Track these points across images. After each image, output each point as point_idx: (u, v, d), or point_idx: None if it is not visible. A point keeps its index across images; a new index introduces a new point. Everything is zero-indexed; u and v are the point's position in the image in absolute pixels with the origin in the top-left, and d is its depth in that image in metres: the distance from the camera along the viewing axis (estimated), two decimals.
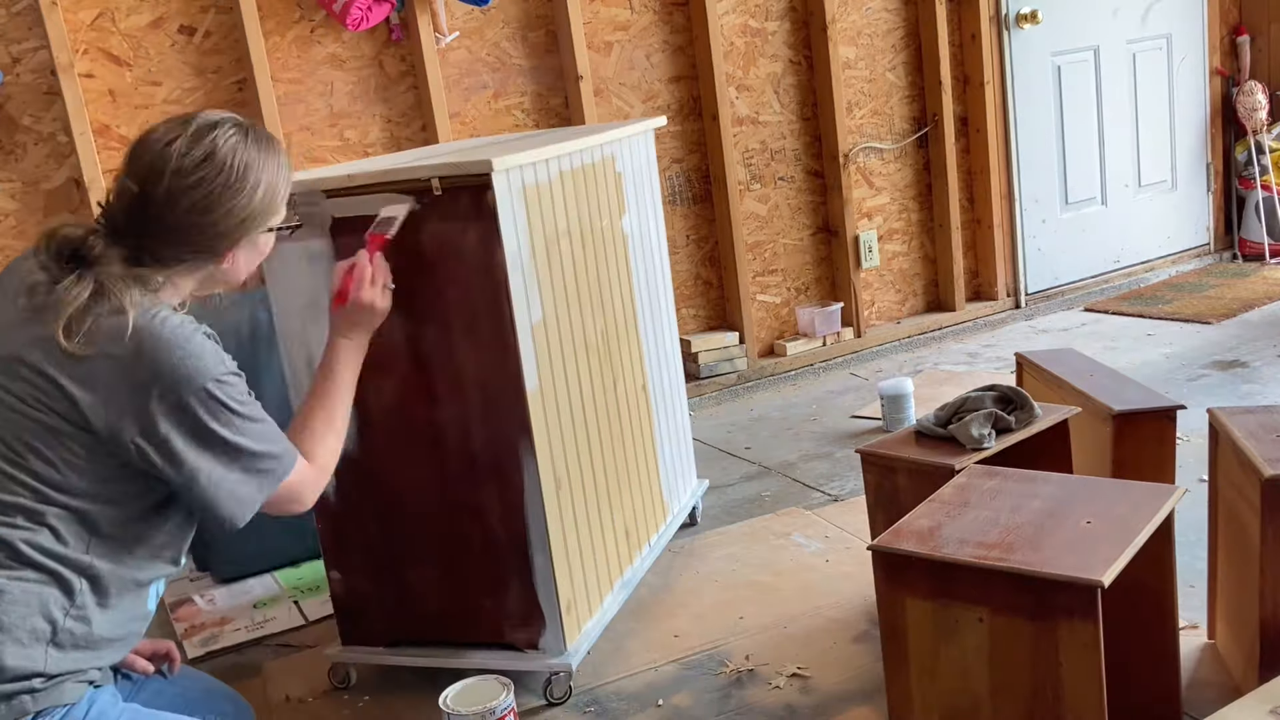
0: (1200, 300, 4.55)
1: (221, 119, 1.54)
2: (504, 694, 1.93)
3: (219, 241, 1.53)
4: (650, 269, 2.79)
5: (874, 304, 4.44)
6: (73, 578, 1.43)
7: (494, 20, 3.62)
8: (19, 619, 1.38)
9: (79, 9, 3.11)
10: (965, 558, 1.59)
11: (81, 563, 1.43)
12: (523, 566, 2.19)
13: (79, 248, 1.47)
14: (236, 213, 1.52)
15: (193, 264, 1.53)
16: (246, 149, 1.52)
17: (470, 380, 2.13)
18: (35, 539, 1.41)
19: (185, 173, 1.48)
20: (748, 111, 4.07)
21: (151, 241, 1.49)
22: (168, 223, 1.48)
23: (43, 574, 1.41)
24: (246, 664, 2.56)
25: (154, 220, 1.48)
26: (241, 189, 1.51)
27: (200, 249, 1.52)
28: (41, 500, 1.42)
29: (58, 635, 1.40)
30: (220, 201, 1.50)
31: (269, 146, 1.57)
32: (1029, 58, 4.56)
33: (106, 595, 1.46)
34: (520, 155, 2.12)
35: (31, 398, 1.42)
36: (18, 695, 1.36)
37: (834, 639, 2.34)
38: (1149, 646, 1.85)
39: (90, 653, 1.44)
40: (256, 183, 1.53)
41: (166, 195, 1.48)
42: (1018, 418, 2.19)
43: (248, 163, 1.52)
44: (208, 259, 1.54)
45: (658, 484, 2.76)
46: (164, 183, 1.47)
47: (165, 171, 1.48)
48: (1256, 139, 4.97)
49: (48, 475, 1.42)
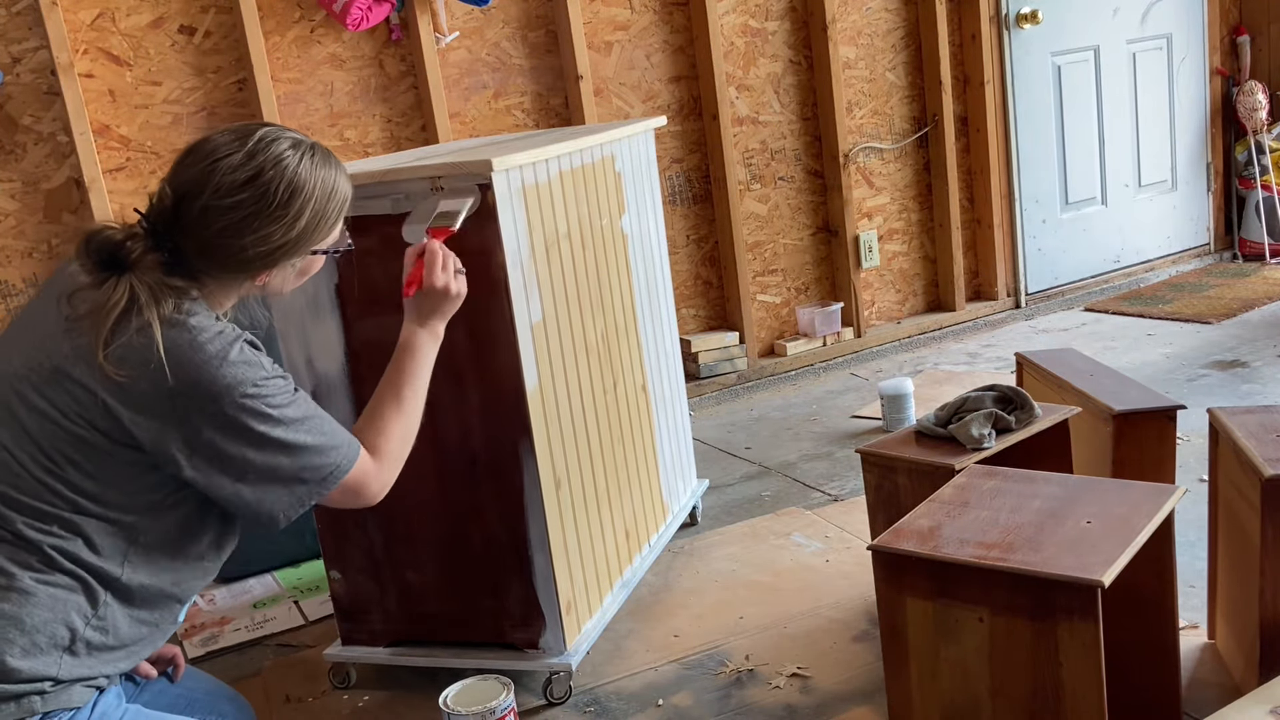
0: (1200, 300, 4.55)
1: (280, 137, 1.48)
2: (504, 694, 1.93)
3: (252, 264, 1.48)
4: (650, 269, 2.79)
5: (874, 304, 4.44)
6: (99, 588, 1.42)
7: (494, 20, 3.62)
8: (41, 623, 1.38)
9: (79, 9, 3.11)
10: (965, 558, 1.59)
11: (111, 574, 1.43)
12: (523, 566, 2.19)
13: (117, 251, 1.43)
14: (273, 239, 1.46)
15: (225, 281, 1.50)
16: (297, 173, 1.46)
17: (470, 380, 2.13)
18: (68, 547, 1.41)
19: (225, 192, 1.43)
20: (748, 111, 4.07)
21: (184, 254, 1.45)
22: (201, 239, 1.44)
23: (72, 580, 1.41)
24: (246, 664, 2.56)
25: (186, 233, 1.44)
26: (283, 216, 1.46)
27: (232, 269, 1.48)
28: (78, 511, 1.41)
29: (75, 644, 1.41)
30: (255, 228, 1.45)
31: (325, 166, 1.51)
32: (1029, 58, 4.56)
33: (135, 607, 1.46)
34: (520, 155, 2.12)
35: (74, 411, 1.40)
36: (27, 696, 1.37)
37: (834, 639, 2.34)
38: (1149, 646, 1.84)
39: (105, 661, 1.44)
40: (300, 211, 1.47)
41: (202, 212, 1.43)
42: (1018, 418, 2.19)
43: (295, 188, 1.46)
44: (241, 279, 1.50)
45: (657, 484, 2.76)
46: (202, 199, 1.43)
47: (206, 188, 1.43)
48: (1256, 139, 4.97)
49: (86, 487, 1.41)
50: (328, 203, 1.51)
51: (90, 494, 1.42)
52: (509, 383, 2.11)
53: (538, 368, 2.15)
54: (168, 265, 1.44)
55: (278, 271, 1.53)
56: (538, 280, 2.18)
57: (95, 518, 1.42)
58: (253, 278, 1.51)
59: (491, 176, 2.01)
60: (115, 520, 1.43)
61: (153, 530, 1.46)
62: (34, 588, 1.38)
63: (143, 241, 1.44)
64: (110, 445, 1.41)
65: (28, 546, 1.39)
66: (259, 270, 1.50)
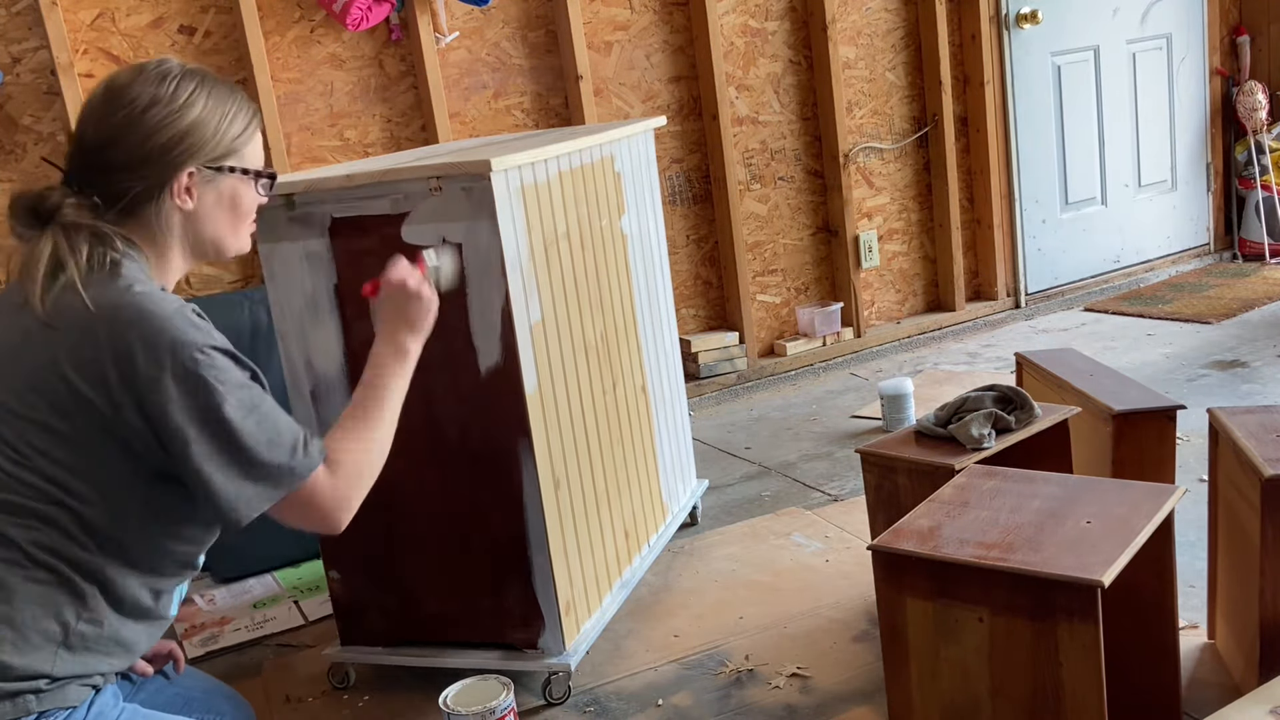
0: (1200, 300, 4.54)
1: (164, 60, 1.51)
2: (504, 694, 1.93)
3: (160, 160, 1.45)
4: (650, 269, 2.79)
5: (874, 304, 4.44)
6: (84, 581, 1.41)
7: (494, 20, 3.62)
8: (31, 619, 1.37)
9: (79, 9, 3.11)
10: (965, 558, 1.59)
11: (93, 566, 1.41)
12: (522, 566, 2.19)
13: (38, 205, 1.43)
14: (171, 124, 1.45)
15: (145, 214, 1.46)
16: (186, 77, 1.48)
17: (470, 380, 2.13)
18: (46, 540, 1.39)
19: (115, 94, 1.45)
20: (748, 111, 4.07)
21: (97, 176, 1.44)
22: (104, 146, 1.44)
23: (55, 575, 1.39)
24: (246, 664, 2.56)
25: (92, 152, 1.45)
26: (173, 101, 1.45)
27: (141, 172, 1.45)
28: (50, 502, 1.39)
29: (69, 638, 1.39)
30: (149, 113, 1.44)
31: (219, 84, 1.51)
32: (1029, 58, 4.56)
33: (120, 600, 1.44)
34: (519, 155, 2.12)
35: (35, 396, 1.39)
36: (22, 695, 1.36)
37: (834, 639, 2.34)
38: (1149, 646, 1.84)
39: (100, 656, 1.43)
40: (192, 101, 1.46)
41: (98, 121, 1.45)
42: (1018, 418, 2.18)
43: (181, 82, 1.47)
44: (156, 187, 1.46)
45: (657, 484, 2.76)
46: (96, 111, 1.45)
47: (94, 114, 1.46)
48: (1256, 139, 4.97)
49: (56, 476, 1.39)
50: (226, 102, 1.50)
51: (61, 483, 1.39)
52: (508, 383, 2.11)
53: (537, 368, 2.15)
54: (88, 206, 1.43)
55: (201, 185, 1.48)
56: (537, 281, 2.18)
57: (68, 509, 1.39)
58: (168, 185, 1.46)
59: (491, 176, 2.01)
60: (88, 511, 1.40)
61: (126, 520, 1.43)
62: (18, 585, 1.37)
63: (60, 190, 1.44)
64: (72, 429, 1.38)
65: (6, 543, 1.38)
66: (172, 170, 1.46)
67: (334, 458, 1.51)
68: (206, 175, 1.49)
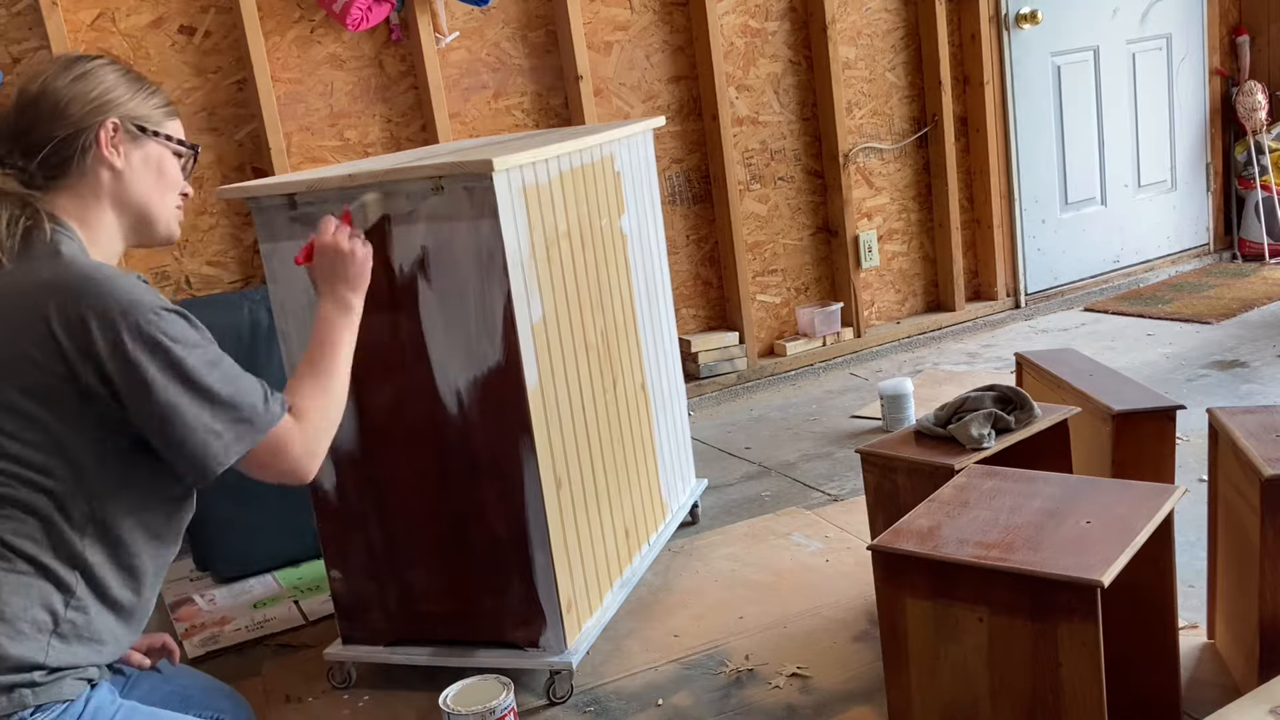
0: (1200, 300, 4.55)
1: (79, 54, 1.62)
2: (504, 693, 1.93)
3: (81, 105, 1.52)
4: (650, 269, 2.79)
5: (874, 304, 4.44)
6: (66, 570, 1.41)
7: (494, 20, 3.62)
8: (20, 610, 1.37)
9: (79, 9, 3.11)
10: (965, 558, 1.60)
11: (74, 550, 1.41)
12: (523, 565, 2.19)
13: None
14: (88, 81, 1.53)
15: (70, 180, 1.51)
16: (100, 59, 1.58)
17: (470, 380, 2.13)
18: (26, 530, 1.39)
19: (32, 78, 1.54)
20: (748, 111, 4.07)
21: (20, 139, 1.51)
22: (23, 110, 1.51)
23: (36, 567, 1.40)
24: (246, 664, 2.56)
25: (11, 122, 1.51)
26: (88, 67, 1.54)
27: (64, 118, 1.51)
28: (27, 485, 1.39)
29: (60, 626, 1.40)
30: (65, 75, 1.52)
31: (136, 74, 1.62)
32: (1029, 58, 4.56)
33: (104, 586, 1.44)
34: (520, 155, 2.12)
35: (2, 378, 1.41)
36: (17, 688, 1.36)
37: (834, 639, 2.34)
38: (1149, 646, 1.85)
39: (92, 645, 1.43)
40: (106, 71, 1.55)
41: (18, 98, 1.53)
42: (1018, 418, 2.19)
43: (95, 60, 1.56)
44: (80, 133, 1.51)
45: (657, 483, 2.77)
46: (16, 96, 1.53)
47: (17, 89, 1.54)
48: (1256, 139, 4.97)
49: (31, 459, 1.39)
50: (134, 80, 1.58)
51: (36, 465, 1.40)
52: (509, 382, 2.11)
53: (538, 367, 2.16)
54: (17, 175, 1.49)
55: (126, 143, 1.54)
56: (538, 280, 2.18)
57: (45, 491, 1.40)
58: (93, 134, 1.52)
59: (492, 176, 2.01)
60: (64, 490, 1.41)
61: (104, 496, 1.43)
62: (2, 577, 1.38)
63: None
64: (38, 407, 1.39)
65: None
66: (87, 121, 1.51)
67: (299, 407, 1.56)
68: (131, 133, 1.55)
